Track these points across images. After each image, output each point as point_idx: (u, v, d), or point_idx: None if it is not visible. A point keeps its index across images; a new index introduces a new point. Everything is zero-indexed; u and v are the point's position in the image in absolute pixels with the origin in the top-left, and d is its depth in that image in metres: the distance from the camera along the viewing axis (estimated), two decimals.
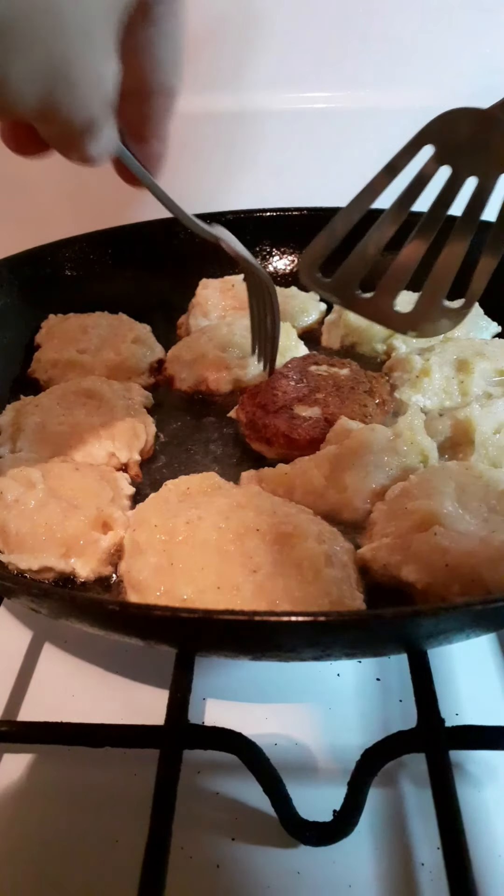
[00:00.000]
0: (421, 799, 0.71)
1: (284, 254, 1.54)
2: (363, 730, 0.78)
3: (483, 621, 0.64)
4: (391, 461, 0.91)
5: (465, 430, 0.95)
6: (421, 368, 1.10)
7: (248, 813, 0.71)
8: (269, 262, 1.54)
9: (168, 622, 0.60)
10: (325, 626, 0.56)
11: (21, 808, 0.72)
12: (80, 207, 1.59)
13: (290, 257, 1.54)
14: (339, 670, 0.84)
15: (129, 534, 0.83)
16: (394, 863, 0.67)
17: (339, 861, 0.67)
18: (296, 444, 1.00)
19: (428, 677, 0.70)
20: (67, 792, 0.73)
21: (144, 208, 1.52)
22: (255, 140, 1.58)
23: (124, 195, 1.63)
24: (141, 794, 0.72)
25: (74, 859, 0.68)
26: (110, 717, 0.77)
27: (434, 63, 1.50)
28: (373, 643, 0.68)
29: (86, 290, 1.41)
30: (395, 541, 0.78)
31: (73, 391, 1.09)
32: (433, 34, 1.47)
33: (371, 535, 0.83)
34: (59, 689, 0.83)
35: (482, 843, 0.67)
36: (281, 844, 0.68)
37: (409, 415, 0.97)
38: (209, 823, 0.70)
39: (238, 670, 0.85)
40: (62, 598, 0.64)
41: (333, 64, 1.51)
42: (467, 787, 0.71)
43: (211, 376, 1.16)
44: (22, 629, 0.91)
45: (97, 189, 1.61)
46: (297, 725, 0.79)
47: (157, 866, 0.55)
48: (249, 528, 0.77)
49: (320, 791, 0.72)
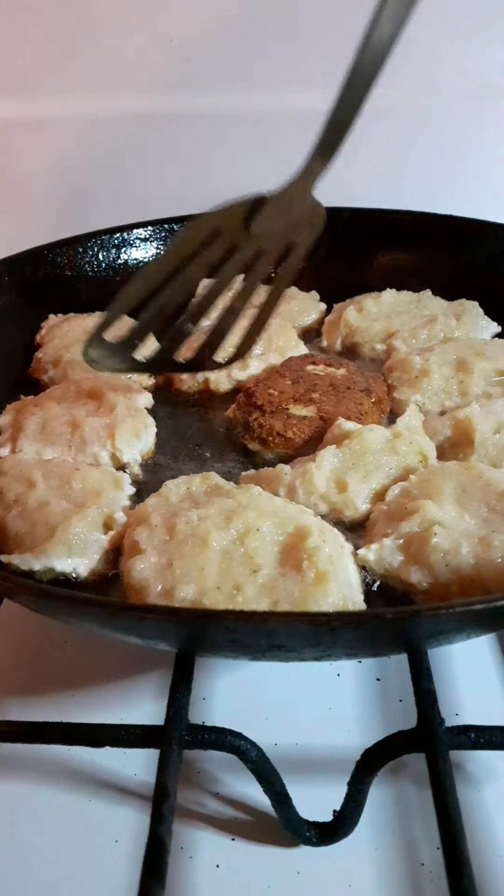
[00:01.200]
0: (421, 799, 0.71)
1: None
2: (363, 730, 0.78)
3: (483, 621, 0.64)
4: (391, 461, 0.91)
5: (465, 430, 0.95)
6: (420, 369, 1.10)
7: (248, 813, 0.71)
8: None
9: (168, 623, 0.60)
10: (325, 626, 0.56)
11: (20, 809, 0.72)
12: (80, 208, 1.59)
13: None
14: (339, 670, 0.84)
15: (129, 533, 0.82)
16: (394, 863, 0.67)
17: (340, 861, 0.67)
18: (291, 443, 1.00)
19: (428, 677, 0.69)
20: (67, 792, 0.73)
21: (145, 209, 1.53)
22: (254, 140, 1.58)
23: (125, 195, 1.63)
24: (141, 795, 0.72)
25: (74, 859, 0.68)
26: (110, 717, 0.77)
27: (435, 62, 1.50)
28: (373, 643, 0.68)
29: (86, 290, 1.41)
30: (395, 541, 0.78)
31: (74, 391, 1.09)
32: (434, 33, 1.47)
33: (371, 536, 0.83)
34: (59, 689, 0.83)
35: (482, 843, 0.67)
36: (281, 844, 0.68)
37: (408, 415, 0.97)
38: (210, 823, 0.70)
39: (238, 670, 0.85)
40: (62, 598, 0.64)
41: (334, 63, 1.50)
42: (467, 788, 0.71)
43: (210, 376, 1.16)
44: (23, 630, 0.91)
45: (98, 189, 1.62)
46: (297, 725, 0.79)
47: (157, 866, 0.54)
48: (250, 529, 0.77)
49: (320, 791, 0.72)
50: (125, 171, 1.60)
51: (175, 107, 1.54)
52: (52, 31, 1.47)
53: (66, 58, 1.50)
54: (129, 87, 1.53)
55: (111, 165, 1.59)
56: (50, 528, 0.82)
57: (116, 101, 1.54)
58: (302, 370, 1.14)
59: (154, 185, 1.61)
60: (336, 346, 1.30)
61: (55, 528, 0.82)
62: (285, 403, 1.06)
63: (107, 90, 1.53)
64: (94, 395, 1.08)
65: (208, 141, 1.58)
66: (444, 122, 1.56)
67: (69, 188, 1.60)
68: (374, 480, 0.89)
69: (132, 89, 1.53)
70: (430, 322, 1.25)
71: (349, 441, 0.92)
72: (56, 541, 0.81)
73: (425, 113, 1.55)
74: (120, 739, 0.66)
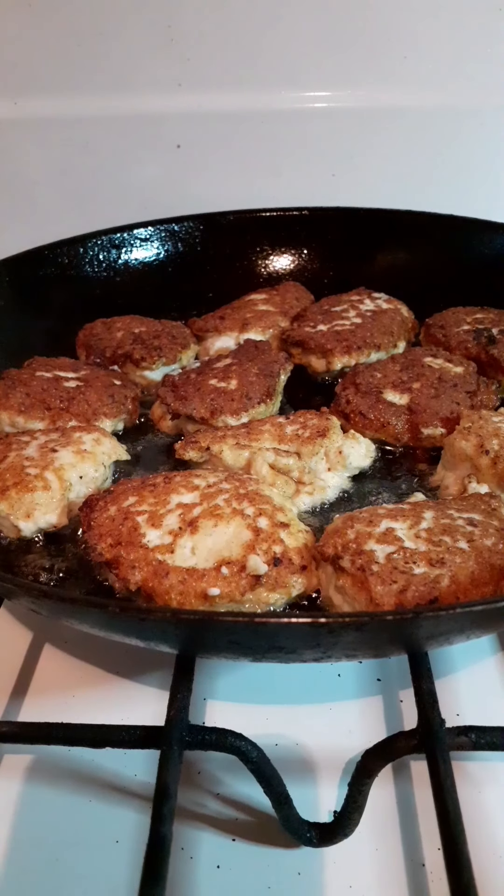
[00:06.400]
0: (422, 799, 0.71)
1: (283, 254, 1.54)
2: (364, 730, 0.78)
3: (482, 623, 0.64)
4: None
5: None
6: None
7: (248, 813, 0.71)
8: (268, 262, 1.54)
9: (167, 624, 0.60)
10: (324, 627, 0.56)
11: (22, 810, 0.72)
12: (80, 208, 1.59)
13: (290, 257, 1.54)
14: (339, 671, 0.84)
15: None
16: (395, 863, 0.67)
17: (340, 862, 0.67)
18: (370, 424, 1.06)
19: (428, 678, 0.69)
20: (68, 793, 0.73)
21: (145, 209, 1.53)
22: (255, 140, 1.58)
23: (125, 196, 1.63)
24: (141, 795, 0.72)
25: (75, 860, 0.68)
26: (111, 717, 0.77)
27: (436, 61, 1.49)
28: (373, 645, 0.68)
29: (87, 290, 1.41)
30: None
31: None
32: (434, 32, 1.46)
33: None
34: (59, 689, 0.83)
35: (483, 843, 0.67)
36: (282, 845, 0.68)
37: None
38: (210, 824, 0.70)
39: (239, 671, 0.85)
40: (61, 600, 0.64)
41: (334, 62, 1.50)
42: (468, 788, 0.71)
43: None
44: (22, 630, 0.91)
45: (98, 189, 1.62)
46: (298, 726, 0.79)
47: (158, 866, 0.55)
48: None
49: (321, 792, 0.72)
50: (125, 171, 1.60)
51: (176, 107, 1.54)
52: (52, 31, 1.47)
53: (66, 58, 1.49)
54: (130, 87, 1.53)
55: (111, 165, 1.59)
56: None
57: (116, 101, 1.54)
58: (418, 360, 1.17)
59: (154, 185, 1.61)
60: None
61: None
62: (382, 387, 1.09)
63: (107, 90, 1.53)
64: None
65: (208, 141, 1.58)
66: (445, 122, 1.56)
67: (69, 189, 1.60)
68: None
69: (132, 89, 1.53)
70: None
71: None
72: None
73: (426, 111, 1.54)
74: (120, 740, 0.66)
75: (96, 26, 1.47)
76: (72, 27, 1.47)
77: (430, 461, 1.06)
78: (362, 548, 0.77)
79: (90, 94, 1.53)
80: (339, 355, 1.22)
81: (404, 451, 1.08)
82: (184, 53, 1.50)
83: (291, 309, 1.38)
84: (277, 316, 1.36)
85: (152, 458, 1.10)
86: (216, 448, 0.97)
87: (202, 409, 1.08)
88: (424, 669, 0.70)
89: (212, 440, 0.99)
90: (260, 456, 0.95)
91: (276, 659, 0.67)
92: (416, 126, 1.55)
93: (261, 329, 1.32)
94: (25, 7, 1.44)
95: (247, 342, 1.24)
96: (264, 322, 1.33)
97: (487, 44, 1.47)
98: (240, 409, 1.09)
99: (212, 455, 0.98)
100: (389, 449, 1.08)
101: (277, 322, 1.34)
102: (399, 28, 1.46)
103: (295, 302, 1.41)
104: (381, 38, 1.47)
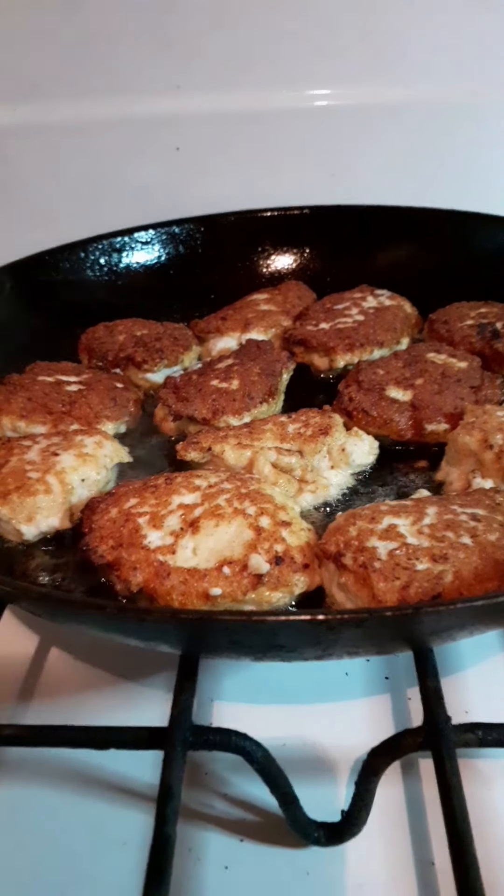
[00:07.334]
0: (431, 797, 0.70)
1: (284, 253, 1.53)
2: (372, 728, 0.77)
3: (484, 618, 0.63)
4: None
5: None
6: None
7: (257, 814, 0.71)
8: (270, 262, 1.54)
9: (167, 625, 0.59)
10: (324, 625, 0.56)
11: (27, 812, 0.72)
12: (80, 213, 1.60)
13: (292, 256, 1.54)
14: (347, 669, 0.83)
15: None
16: (404, 862, 0.66)
17: (349, 861, 0.66)
18: (373, 421, 1.05)
19: (434, 675, 0.69)
20: (73, 795, 0.73)
21: (146, 211, 1.53)
22: (254, 140, 1.58)
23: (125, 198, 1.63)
24: (148, 797, 0.72)
25: (80, 861, 0.68)
26: (117, 721, 0.77)
27: (436, 59, 1.49)
28: (374, 642, 0.68)
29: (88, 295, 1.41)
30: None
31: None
32: (435, 30, 1.46)
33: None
34: (66, 693, 0.83)
35: (491, 841, 0.66)
36: (290, 845, 0.68)
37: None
38: (218, 825, 0.70)
39: (245, 671, 0.85)
40: (61, 602, 0.64)
41: (334, 61, 1.50)
42: (476, 786, 0.70)
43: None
44: (28, 633, 0.91)
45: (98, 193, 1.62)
46: (305, 725, 0.78)
47: (161, 867, 0.54)
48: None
49: (328, 791, 0.71)
50: (125, 175, 1.60)
51: (174, 109, 1.55)
52: (52, 31, 1.48)
53: (66, 60, 1.50)
54: (128, 90, 1.53)
55: (111, 169, 1.60)
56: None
57: (115, 104, 1.54)
58: (421, 356, 1.16)
59: (154, 188, 1.62)
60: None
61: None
62: (385, 384, 1.08)
63: (105, 93, 1.53)
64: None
65: (209, 141, 1.58)
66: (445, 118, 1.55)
67: (70, 193, 1.61)
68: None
69: (131, 92, 1.53)
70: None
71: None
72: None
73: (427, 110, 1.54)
74: (124, 742, 0.66)
75: (94, 30, 1.47)
76: (69, 31, 1.47)
77: (434, 457, 1.05)
78: (364, 545, 0.76)
79: (88, 98, 1.53)
80: (341, 353, 1.22)
81: (408, 447, 1.07)
82: (181, 55, 1.50)
83: (293, 308, 1.38)
84: (279, 315, 1.36)
85: (154, 460, 1.10)
86: (218, 448, 0.97)
87: (204, 410, 1.08)
88: (429, 666, 0.69)
89: (213, 440, 0.99)
90: (262, 455, 0.95)
91: (278, 658, 0.66)
92: (416, 123, 1.55)
93: (263, 329, 1.32)
94: (23, 11, 1.45)
95: (249, 342, 1.24)
96: (266, 322, 1.33)
97: (487, 41, 1.47)
98: (242, 409, 1.09)
99: (214, 455, 0.98)
100: (393, 446, 1.07)
101: (279, 321, 1.34)
102: (399, 26, 1.45)
103: (297, 301, 1.41)
104: (381, 35, 1.47)
